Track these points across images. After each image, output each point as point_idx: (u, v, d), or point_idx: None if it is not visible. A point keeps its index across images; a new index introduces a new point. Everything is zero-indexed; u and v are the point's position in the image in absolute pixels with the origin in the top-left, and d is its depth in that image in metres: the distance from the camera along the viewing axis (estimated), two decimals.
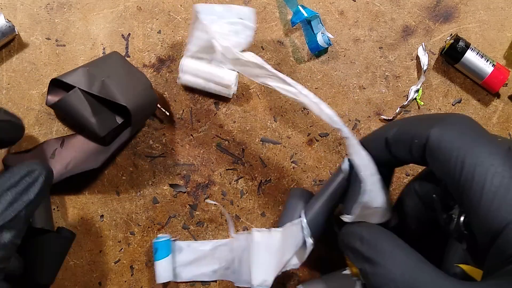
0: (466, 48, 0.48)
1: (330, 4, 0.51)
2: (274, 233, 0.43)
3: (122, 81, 0.45)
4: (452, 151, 0.28)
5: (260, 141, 0.50)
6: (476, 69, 0.49)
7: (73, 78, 0.45)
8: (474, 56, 0.48)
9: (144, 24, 0.50)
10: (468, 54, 0.48)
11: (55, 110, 0.49)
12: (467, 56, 0.48)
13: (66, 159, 0.48)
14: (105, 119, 0.46)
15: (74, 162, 0.47)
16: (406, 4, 0.51)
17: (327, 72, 0.51)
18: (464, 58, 0.48)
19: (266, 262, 0.42)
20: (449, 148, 0.28)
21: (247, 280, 0.44)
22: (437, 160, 0.29)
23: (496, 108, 0.51)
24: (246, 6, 0.50)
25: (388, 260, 0.28)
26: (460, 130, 0.28)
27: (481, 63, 0.48)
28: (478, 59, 0.48)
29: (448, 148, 0.28)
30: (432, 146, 0.29)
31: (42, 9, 0.50)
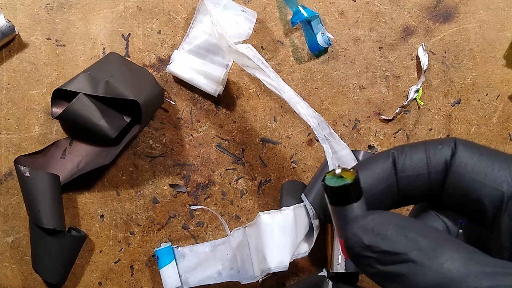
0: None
1: (330, 4, 0.51)
2: (286, 212, 0.43)
3: (126, 78, 0.46)
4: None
5: (260, 141, 0.50)
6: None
7: (76, 85, 0.45)
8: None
9: (144, 24, 0.50)
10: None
11: (62, 121, 0.49)
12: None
13: (77, 158, 0.48)
14: (113, 120, 0.46)
15: (85, 160, 0.48)
16: (406, 4, 0.51)
17: (327, 72, 0.51)
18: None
19: (280, 243, 0.42)
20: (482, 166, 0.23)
21: (252, 276, 0.44)
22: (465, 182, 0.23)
23: (496, 108, 0.51)
24: (246, 6, 0.50)
25: (434, 255, 0.20)
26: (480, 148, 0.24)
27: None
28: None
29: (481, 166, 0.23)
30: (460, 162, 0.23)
31: (42, 9, 0.50)
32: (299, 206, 0.43)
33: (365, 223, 0.21)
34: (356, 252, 0.21)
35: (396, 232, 0.21)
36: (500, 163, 0.23)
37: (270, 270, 0.42)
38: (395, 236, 0.20)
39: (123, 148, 0.49)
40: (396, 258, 0.20)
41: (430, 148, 0.24)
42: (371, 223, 0.21)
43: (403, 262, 0.20)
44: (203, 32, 0.49)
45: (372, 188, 0.25)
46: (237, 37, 0.47)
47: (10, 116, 0.49)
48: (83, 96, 0.45)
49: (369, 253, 0.21)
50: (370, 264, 0.21)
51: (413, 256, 0.20)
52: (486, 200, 0.23)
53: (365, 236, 0.21)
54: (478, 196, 0.23)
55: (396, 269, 0.20)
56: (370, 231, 0.21)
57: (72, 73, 0.49)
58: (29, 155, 0.47)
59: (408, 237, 0.20)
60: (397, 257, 0.20)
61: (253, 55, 0.42)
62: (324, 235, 0.47)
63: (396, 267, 0.20)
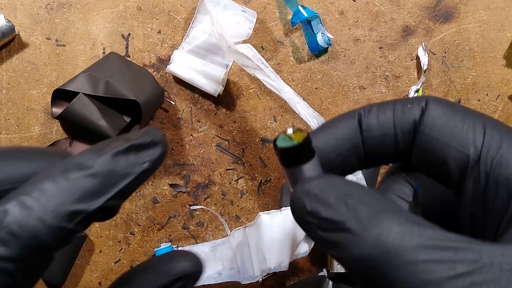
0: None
1: (330, 4, 0.51)
2: (286, 212, 0.43)
3: (126, 78, 0.46)
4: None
5: (260, 141, 0.50)
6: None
7: (76, 85, 0.45)
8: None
9: (144, 24, 0.50)
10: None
11: (62, 121, 0.49)
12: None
13: None
14: (113, 120, 0.46)
15: None
16: (406, 4, 0.51)
17: (327, 72, 0.51)
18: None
19: (280, 243, 0.42)
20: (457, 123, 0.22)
21: (252, 276, 0.44)
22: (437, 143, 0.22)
23: (496, 108, 0.51)
24: (246, 6, 0.50)
25: (372, 225, 0.19)
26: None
27: None
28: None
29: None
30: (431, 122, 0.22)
31: (42, 9, 0.50)
32: None
33: (309, 188, 0.21)
34: (299, 217, 0.21)
35: (338, 199, 0.20)
36: (469, 124, 0.22)
37: (270, 270, 0.42)
38: (336, 203, 0.20)
39: None
40: (335, 226, 0.19)
41: (399, 107, 0.23)
42: (315, 188, 0.21)
43: (341, 231, 0.19)
44: (203, 32, 0.49)
45: (336, 148, 0.24)
46: (237, 37, 0.47)
47: (10, 116, 0.49)
48: (83, 96, 0.45)
49: (311, 219, 0.20)
50: (313, 229, 0.20)
51: (350, 225, 0.19)
52: (451, 163, 0.22)
53: (307, 201, 0.20)
54: (443, 158, 0.22)
55: (335, 237, 0.19)
56: (312, 196, 0.20)
57: (72, 73, 0.49)
58: None
59: (348, 205, 0.20)
60: (336, 226, 0.19)
61: (253, 55, 0.42)
62: None
63: (335, 235, 0.19)
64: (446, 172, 0.22)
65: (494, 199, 0.21)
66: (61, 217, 0.18)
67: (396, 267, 0.18)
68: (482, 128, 0.22)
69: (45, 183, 0.18)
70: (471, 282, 0.17)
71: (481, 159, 0.21)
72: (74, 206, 0.18)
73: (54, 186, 0.18)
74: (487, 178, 0.21)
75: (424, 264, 0.18)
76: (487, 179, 0.21)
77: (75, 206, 0.18)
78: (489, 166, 0.21)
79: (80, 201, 0.18)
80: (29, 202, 0.18)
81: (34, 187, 0.18)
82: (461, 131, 0.22)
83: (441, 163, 0.22)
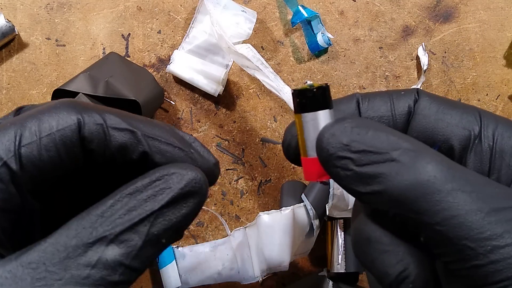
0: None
1: (330, 4, 0.51)
2: (286, 212, 0.43)
3: (126, 78, 0.46)
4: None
5: (260, 141, 0.50)
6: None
7: (76, 85, 0.45)
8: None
9: (144, 24, 0.50)
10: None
11: None
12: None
13: None
14: None
15: None
16: (406, 4, 0.51)
17: (327, 72, 0.51)
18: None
19: (280, 243, 0.42)
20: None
21: (252, 276, 0.44)
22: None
23: (496, 108, 0.51)
24: (246, 6, 0.50)
25: (418, 156, 0.19)
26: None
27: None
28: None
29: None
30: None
31: (42, 9, 0.50)
32: (299, 206, 0.43)
33: (345, 123, 0.20)
34: (330, 153, 0.20)
35: (378, 132, 0.20)
36: (464, 108, 0.23)
37: (270, 270, 0.42)
38: (377, 136, 0.20)
39: None
40: (377, 157, 0.19)
41: (393, 94, 0.24)
42: (351, 123, 0.20)
43: (384, 162, 0.19)
44: (203, 32, 0.49)
45: None
46: (237, 37, 0.47)
47: None
48: (83, 96, 0.45)
49: (347, 153, 0.20)
50: (346, 165, 0.20)
51: (395, 155, 0.19)
52: (454, 140, 0.22)
53: (343, 135, 0.20)
54: (445, 136, 0.23)
55: (375, 169, 0.19)
56: (349, 130, 0.20)
57: (72, 73, 0.49)
58: None
59: (390, 138, 0.20)
60: (378, 156, 0.19)
61: (252, 56, 0.42)
62: (324, 235, 0.47)
63: (375, 167, 0.19)
64: (447, 149, 0.23)
65: (499, 169, 0.21)
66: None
67: (440, 197, 0.18)
68: (476, 111, 0.23)
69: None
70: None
71: (483, 133, 0.22)
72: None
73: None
74: (491, 151, 0.22)
75: (460, 195, 0.18)
76: (492, 151, 0.22)
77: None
78: (491, 139, 0.22)
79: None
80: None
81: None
82: (458, 113, 0.23)
83: (442, 141, 0.23)
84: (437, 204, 0.18)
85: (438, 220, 0.18)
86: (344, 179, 0.20)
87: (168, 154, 0.21)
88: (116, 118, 0.21)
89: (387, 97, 0.24)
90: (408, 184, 0.18)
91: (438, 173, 0.19)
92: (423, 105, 0.23)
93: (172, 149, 0.21)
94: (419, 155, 0.19)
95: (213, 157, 0.23)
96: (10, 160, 0.18)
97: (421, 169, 0.19)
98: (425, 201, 0.18)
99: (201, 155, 0.22)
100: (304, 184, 0.47)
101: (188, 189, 0.20)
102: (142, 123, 0.21)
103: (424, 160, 0.19)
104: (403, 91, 0.24)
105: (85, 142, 0.20)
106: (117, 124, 0.21)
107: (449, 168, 0.19)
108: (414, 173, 0.19)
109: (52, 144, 0.19)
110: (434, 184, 0.18)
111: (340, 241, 0.45)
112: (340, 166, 0.20)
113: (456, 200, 0.18)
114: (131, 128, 0.21)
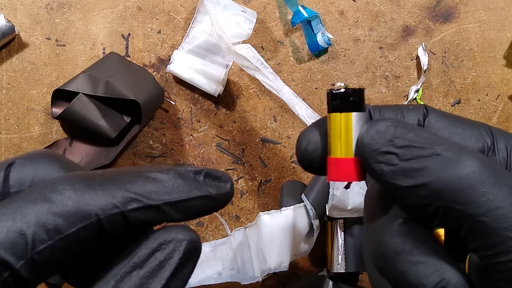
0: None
1: (330, 4, 0.51)
2: (286, 212, 0.43)
3: (126, 78, 0.46)
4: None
5: (260, 141, 0.50)
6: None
7: (76, 85, 0.45)
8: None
9: (144, 24, 0.50)
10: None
11: (62, 121, 0.49)
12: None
13: (77, 158, 0.48)
14: (113, 120, 0.46)
15: (85, 160, 0.48)
16: (406, 4, 0.51)
17: (327, 72, 0.51)
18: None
19: (280, 243, 0.42)
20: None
21: (252, 277, 0.44)
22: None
23: (496, 108, 0.51)
24: (246, 6, 0.50)
25: (461, 152, 0.20)
26: None
27: None
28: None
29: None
30: None
31: (42, 9, 0.50)
32: (299, 206, 0.43)
33: (388, 122, 0.21)
34: (375, 149, 0.21)
35: (420, 131, 0.21)
36: (473, 123, 0.24)
37: (270, 270, 0.42)
38: (420, 134, 0.20)
39: (123, 148, 0.49)
40: (422, 151, 0.20)
41: (403, 108, 0.25)
42: (394, 123, 0.21)
43: (429, 156, 0.20)
44: (203, 32, 0.49)
45: None
46: (237, 37, 0.47)
47: (10, 116, 0.49)
48: (83, 96, 0.45)
49: (391, 149, 0.20)
50: (389, 160, 0.20)
51: (440, 150, 0.20)
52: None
53: (387, 132, 0.21)
54: None
55: (420, 164, 0.20)
56: (392, 128, 0.21)
57: (72, 73, 0.49)
58: None
59: (432, 136, 0.21)
60: (422, 151, 0.20)
61: (252, 56, 0.42)
62: (324, 235, 0.47)
63: (420, 161, 0.20)
64: None
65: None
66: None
67: (485, 188, 0.19)
68: (486, 126, 0.23)
69: (137, 179, 0.19)
70: None
71: (496, 146, 0.23)
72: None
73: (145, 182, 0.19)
74: (506, 162, 0.23)
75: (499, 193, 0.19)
76: (507, 163, 0.22)
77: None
78: (504, 151, 0.23)
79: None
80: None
81: (143, 181, 0.19)
82: (469, 127, 0.23)
83: None
84: (483, 195, 0.19)
85: (483, 211, 0.18)
86: (387, 174, 0.20)
87: (191, 210, 0.21)
88: (134, 195, 0.18)
89: (397, 109, 0.24)
90: (454, 176, 0.19)
91: (482, 167, 0.19)
92: (434, 119, 0.24)
93: (194, 203, 0.20)
94: (462, 151, 0.20)
95: (227, 180, 0.21)
96: (21, 267, 0.16)
97: (466, 163, 0.19)
98: (471, 192, 0.19)
99: (217, 187, 0.21)
100: (304, 184, 0.47)
101: (187, 255, 0.20)
102: (159, 188, 0.19)
103: (468, 155, 0.20)
104: (412, 106, 0.25)
105: (102, 233, 0.18)
106: (138, 204, 0.18)
107: (491, 163, 0.20)
108: (459, 166, 0.19)
109: (68, 245, 0.17)
110: (480, 176, 0.19)
111: (340, 241, 0.45)
112: (384, 161, 0.20)
113: (501, 192, 0.19)
114: (153, 203, 0.19)
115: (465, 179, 0.19)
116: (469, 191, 0.19)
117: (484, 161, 0.20)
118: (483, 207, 0.18)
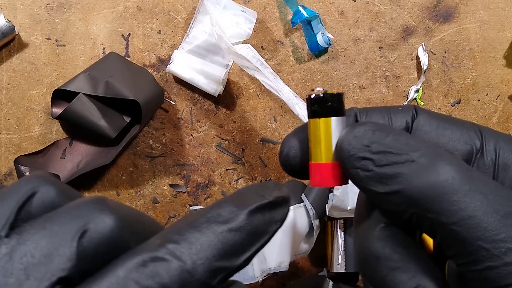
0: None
1: (330, 4, 0.51)
2: None
3: (126, 78, 0.46)
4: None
5: (260, 141, 0.50)
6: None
7: (76, 85, 0.45)
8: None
9: (144, 24, 0.50)
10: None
11: (62, 121, 0.49)
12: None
13: (77, 158, 0.48)
14: (113, 120, 0.46)
15: (85, 160, 0.48)
16: (406, 4, 0.51)
17: (327, 72, 0.51)
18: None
19: (280, 243, 0.42)
20: None
21: (252, 277, 0.44)
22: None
23: (496, 108, 0.51)
24: (246, 6, 0.50)
25: (436, 158, 0.19)
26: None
27: None
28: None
29: None
30: None
31: (42, 9, 0.50)
32: (299, 206, 0.43)
33: (366, 126, 0.21)
34: (351, 154, 0.21)
35: (398, 136, 0.20)
36: (464, 124, 0.23)
37: (270, 270, 0.42)
38: (397, 139, 0.20)
39: (123, 148, 0.49)
40: (397, 158, 0.20)
41: (391, 110, 0.24)
42: (372, 127, 0.21)
43: (403, 162, 0.20)
44: (203, 32, 0.49)
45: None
46: (237, 37, 0.47)
47: (10, 116, 0.49)
48: (83, 96, 0.45)
49: (367, 154, 0.20)
50: (365, 166, 0.20)
51: (415, 156, 0.20)
52: (456, 154, 0.23)
53: (364, 137, 0.20)
54: (447, 150, 0.23)
55: (394, 170, 0.20)
56: (370, 133, 0.21)
57: (72, 73, 0.49)
58: (29, 155, 0.47)
59: (410, 141, 0.20)
60: (397, 157, 0.20)
61: (252, 56, 0.42)
62: (324, 235, 0.47)
63: (395, 167, 0.20)
64: None
65: (503, 182, 0.22)
66: (209, 272, 0.16)
67: (457, 197, 0.18)
68: (476, 127, 0.23)
69: (192, 233, 0.17)
70: None
71: (485, 148, 0.22)
72: (220, 262, 0.17)
73: (202, 238, 0.17)
74: (494, 165, 0.22)
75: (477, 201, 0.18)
76: (495, 165, 0.22)
77: (221, 263, 0.17)
78: (493, 153, 0.22)
79: (226, 257, 0.17)
80: (179, 252, 0.16)
81: (180, 236, 0.17)
82: (458, 128, 0.23)
83: None
84: (455, 204, 0.18)
85: (455, 220, 0.18)
86: (363, 179, 0.20)
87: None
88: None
89: (385, 112, 0.24)
90: (427, 184, 0.19)
91: (456, 174, 0.19)
92: (423, 121, 0.23)
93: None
94: (437, 157, 0.19)
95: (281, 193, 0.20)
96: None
97: (439, 170, 0.19)
98: (443, 201, 0.18)
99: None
100: (304, 184, 0.47)
101: None
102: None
103: (443, 162, 0.19)
104: (401, 107, 0.24)
105: None
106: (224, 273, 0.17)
107: (466, 170, 0.19)
108: (433, 173, 0.19)
109: None
110: (452, 185, 0.19)
111: (340, 241, 0.45)
112: (360, 166, 0.20)
113: (473, 201, 0.18)
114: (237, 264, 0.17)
115: (438, 187, 0.19)
116: (442, 200, 0.19)
117: (460, 167, 0.19)
118: (455, 216, 0.18)
